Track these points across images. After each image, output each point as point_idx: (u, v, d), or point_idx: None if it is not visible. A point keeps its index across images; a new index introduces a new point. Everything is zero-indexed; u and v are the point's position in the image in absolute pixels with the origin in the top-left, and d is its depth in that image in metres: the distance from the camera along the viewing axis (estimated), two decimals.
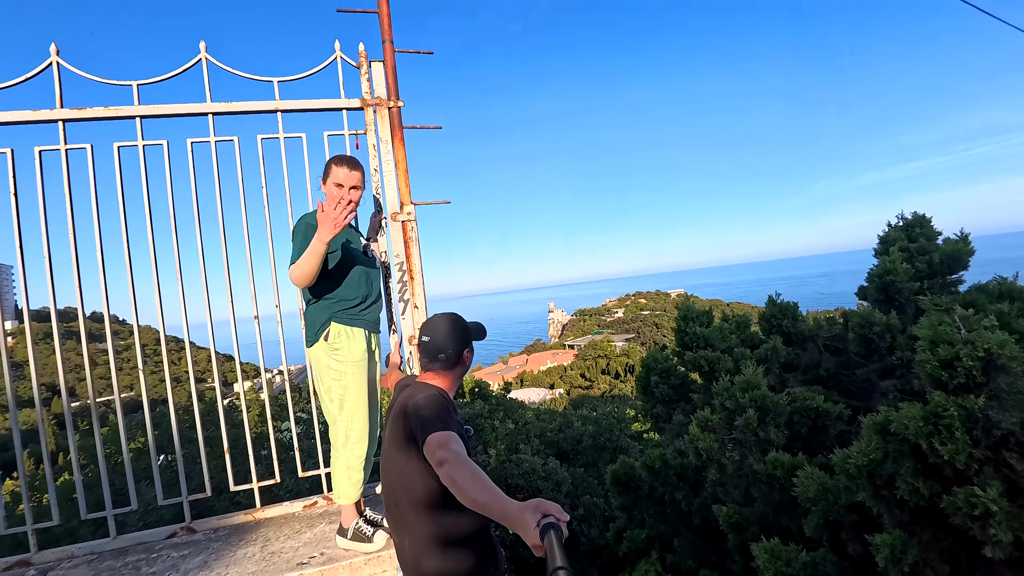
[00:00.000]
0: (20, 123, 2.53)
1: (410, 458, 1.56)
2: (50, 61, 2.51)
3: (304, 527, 2.72)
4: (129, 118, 2.64)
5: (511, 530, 1.15)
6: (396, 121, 2.94)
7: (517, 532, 1.10)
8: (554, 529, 1.01)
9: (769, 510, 2.60)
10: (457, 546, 1.61)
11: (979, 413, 1.59)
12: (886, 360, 2.94)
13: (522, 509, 1.10)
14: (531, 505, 1.09)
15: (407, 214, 2.90)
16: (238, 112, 2.79)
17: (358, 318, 2.33)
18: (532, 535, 1.03)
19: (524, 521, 1.06)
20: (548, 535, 1.00)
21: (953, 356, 1.67)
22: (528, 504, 1.10)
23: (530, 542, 1.04)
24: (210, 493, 2.80)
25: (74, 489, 2.65)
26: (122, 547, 2.65)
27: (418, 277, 2.93)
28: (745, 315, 3.81)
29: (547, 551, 0.99)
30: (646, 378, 3.82)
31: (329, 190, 2.32)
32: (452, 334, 1.75)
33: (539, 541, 1.01)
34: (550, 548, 0.98)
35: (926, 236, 3.33)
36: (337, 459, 2.33)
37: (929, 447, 1.64)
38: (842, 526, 2.07)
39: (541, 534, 1.02)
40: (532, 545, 1.03)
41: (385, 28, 2.94)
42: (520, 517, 1.08)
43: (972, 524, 1.58)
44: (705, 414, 2.89)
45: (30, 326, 2.49)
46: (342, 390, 2.26)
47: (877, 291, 3.17)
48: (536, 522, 1.04)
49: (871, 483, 1.85)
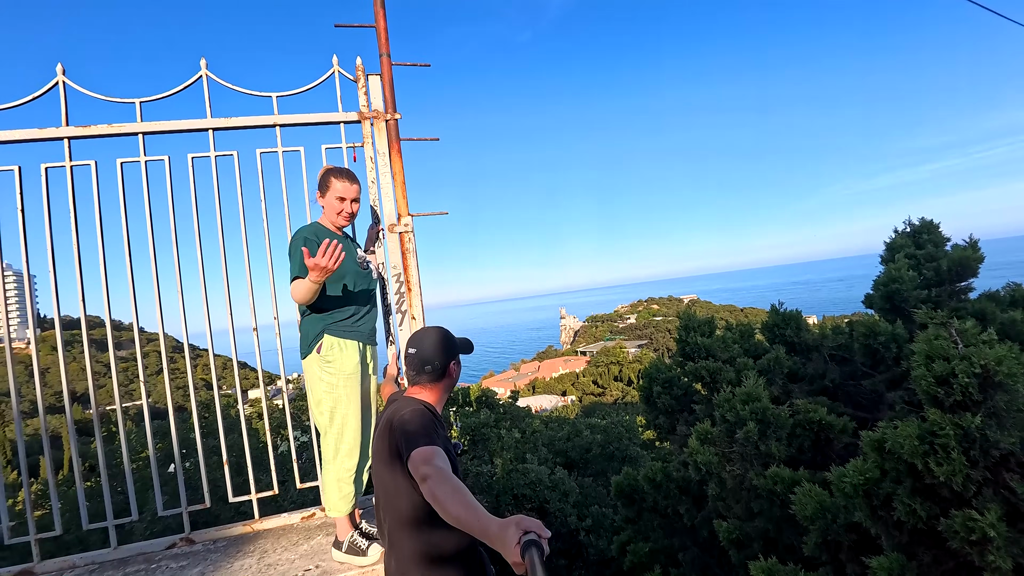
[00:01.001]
0: (27, 141, 2.60)
1: (395, 473, 1.56)
2: (56, 80, 2.58)
3: (301, 539, 2.73)
4: (132, 135, 2.69)
5: (492, 547, 1.13)
6: (393, 133, 2.97)
7: (497, 549, 1.09)
8: (535, 546, 1.00)
9: (771, 526, 2.53)
10: (444, 563, 1.59)
11: (976, 432, 1.52)
12: (893, 370, 2.86)
13: (503, 526, 1.08)
14: (512, 522, 1.07)
15: (404, 225, 2.91)
16: (238, 127, 2.83)
17: (352, 330, 2.34)
18: (512, 552, 1.02)
19: (504, 538, 1.05)
20: (529, 552, 0.99)
21: (948, 372, 1.60)
22: (509, 521, 1.08)
23: (511, 560, 1.03)
24: (208, 504, 2.81)
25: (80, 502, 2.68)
26: (123, 557, 2.68)
27: (416, 288, 2.93)
28: (749, 324, 3.74)
29: (528, 568, 0.97)
30: (648, 388, 3.77)
31: (329, 203, 2.34)
32: (439, 346, 1.75)
33: (520, 559, 1.00)
34: (531, 566, 0.97)
35: (934, 242, 3.25)
36: (328, 472, 2.33)
37: (925, 467, 1.58)
38: (841, 546, 2.00)
39: (522, 551, 1.00)
40: (513, 563, 1.02)
41: (382, 42, 2.97)
42: (500, 535, 1.07)
43: (970, 549, 1.51)
44: (705, 427, 2.84)
45: (34, 336, 2.55)
46: (333, 402, 2.27)
47: (883, 300, 3.09)
48: (517, 539, 1.02)
49: (867, 503, 1.79)
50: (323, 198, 2.37)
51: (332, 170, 2.37)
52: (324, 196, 2.36)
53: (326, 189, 2.34)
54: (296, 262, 2.17)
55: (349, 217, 2.39)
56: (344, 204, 2.34)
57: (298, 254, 2.17)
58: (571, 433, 10.05)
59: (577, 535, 7.21)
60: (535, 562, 0.97)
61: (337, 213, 2.35)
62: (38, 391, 2.64)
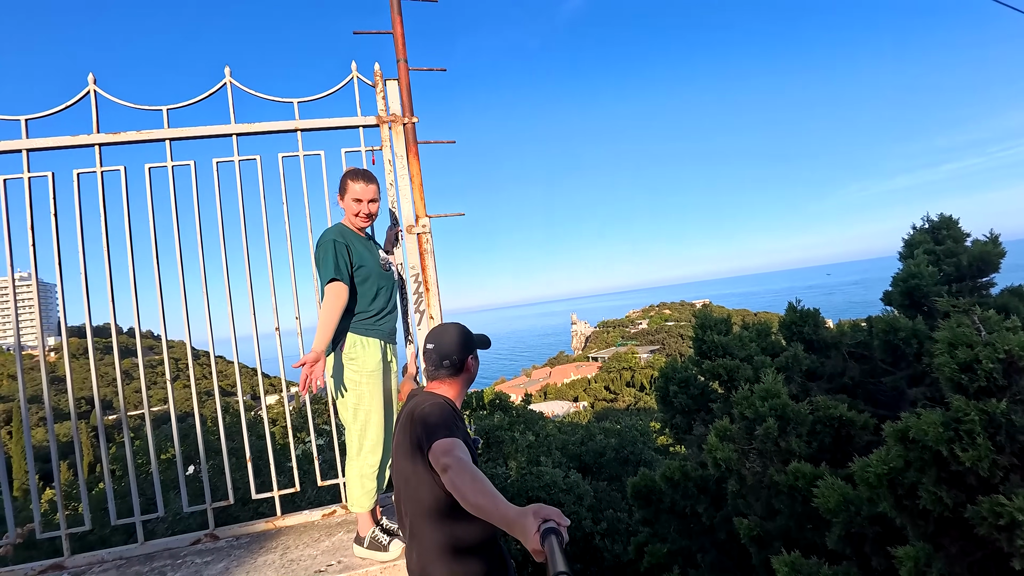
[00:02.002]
0: (61, 148, 2.70)
1: (416, 466, 1.58)
2: (88, 90, 2.67)
3: (323, 535, 2.76)
4: (159, 141, 2.78)
5: (512, 535, 1.15)
6: (411, 136, 3.02)
7: (517, 537, 1.10)
8: (554, 534, 1.01)
9: (792, 523, 2.51)
10: (465, 555, 1.60)
11: (1001, 418, 1.51)
12: (914, 367, 2.82)
13: (522, 514, 1.10)
14: (531, 510, 1.09)
15: (422, 226, 2.96)
16: (261, 132, 2.90)
17: (374, 329, 2.38)
18: (532, 540, 1.03)
19: (524, 526, 1.07)
20: (548, 540, 1.00)
21: (972, 359, 1.59)
22: (528, 509, 1.10)
23: (530, 547, 1.04)
24: (232, 501, 2.86)
25: (108, 498, 2.75)
26: (149, 552, 2.73)
27: (433, 288, 2.97)
28: (765, 323, 3.71)
29: (547, 556, 0.98)
30: (665, 388, 3.75)
31: (348, 205, 2.39)
32: (456, 341, 1.77)
33: (539, 546, 1.01)
34: (551, 553, 0.98)
35: (953, 238, 3.21)
36: (351, 467, 2.37)
37: (950, 454, 1.56)
38: (865, 539, 1.98)
39: (541, 539, 1.01)
40: (532, 550, 1.03)
41: (399, 48, 3.03)
42: (520, 522, 1.08)
43: (998, 535, 1.49)
44: (724, 423, 2.82)
45: (67, 341, 2.63)
46: (356, 399, 2.30)
47: (902, 296, 3.06)
48: (536, 527, 1.04)
49: (892, 493, 1.77)
50: (342, 201, 2.41)
51: (348, 172, 2.42)
52: (343, 199, 2.40)
53: (344, 192, 2.39)
54: (330, 264, 2.21)
55: (368, 218, 2.44)
56: (361, 205, 2.38)
57: (330, 256, 2.21)
58: (585, 437, 10.00)
59: (592, 539, 7.16)
60: (554, 549, 0.98)
61: (355, 215, 2.40)
62: (70, 394, 2.73)
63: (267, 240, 2.84)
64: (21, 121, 2.63)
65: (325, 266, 2.23)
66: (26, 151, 2.64)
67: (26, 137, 2.64)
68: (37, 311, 2.69)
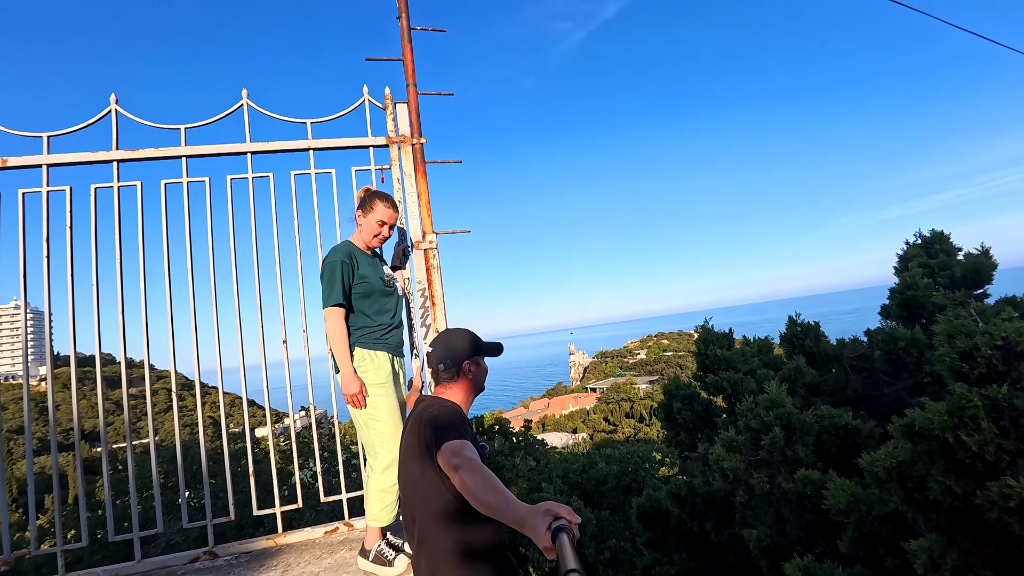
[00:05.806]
0: (81, 164, 2.78)
1: (426, 469, 1.57)
2: (110, 109, 2.78)
3: (325, 553, 2.71)
4: (176, 158, 2.87)
5: (523, 533, 1.15)
6: (419, 156, 3.13)
7: (528, 535, 1.10)
8: (566, 531, 1.01)
9: (802, 533, 2.48)
10: (475, 560, 1.58)
11: (1004, 402, 1.54)
12: (915, 377, 2.85)
13: (533, 512, 1.10)
14: (542, 507, 1.09)
15: (429, 242, 3.03)
16: (275, 151, 3.00)
17: (381, 342, 2.40)
18: (544, 538, 1.03)
19: (535, 524, 1.07)
20: (560, 537, 1.00)
21: (972, 347, 1.63)
22: (539, 507, 1.10)
23: (541, 545, 1.04)
24: (233, 517, 2.81)
25: (104, 521, 2.70)
26: (146, 570, 2.67)
27: (439, 303, 3.02)
28: (767, 339, 3.75)
29: (559, 554, 0.98)
30: (668, 405, 3.75)
31: (369, 224, 2.44)
32: (455, 344, 1.79)
33: (551, 544, 1.01)
34: (562, 550, 0.98)
35: (946, 251, 3.30)
36: (370, 481, 2.35)
37: (956, 440, 1.58)
38: (878, 539, 1.96)
39: (553, 536, 1.02)
40: (543, 548, 1.04)
41: (409, 72, 3.18)
42: (531, 520, 1.09)
43: (1009, 518, 1.49)
44: (730, 434, 2.82)
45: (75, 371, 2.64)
46: (372, 411, 2.31)
47: (899, 307, 3.12)
48: (547, 525, 1.04)
49: (902, 486, 1.77)
50: (364, 217, 2.45)
51: (379, 194, 2.47)
52: (366, 216, 2.44)
53: (369, 210, 2.43)
54: (336, 288, 2.25)
55: (382, 241, 2.51)
56: (383, 229, 2.45)
57: (337, 278, 2.26)
58: (586, 465, 9.83)
59: (596, 571, 6.96)
60: (565, 547, 0.98)
61: (374, 235, 2.45)
62: (75, 412, 2.73)
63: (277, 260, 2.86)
64: (43, 138, 2.72)
65: (331, 288, 2.28)
66: (46, 166, 2.71)
67: (47, 153, 2.72)
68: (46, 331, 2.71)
